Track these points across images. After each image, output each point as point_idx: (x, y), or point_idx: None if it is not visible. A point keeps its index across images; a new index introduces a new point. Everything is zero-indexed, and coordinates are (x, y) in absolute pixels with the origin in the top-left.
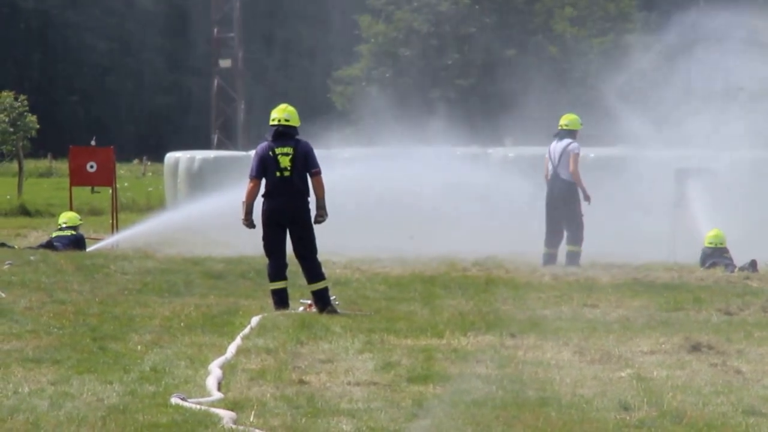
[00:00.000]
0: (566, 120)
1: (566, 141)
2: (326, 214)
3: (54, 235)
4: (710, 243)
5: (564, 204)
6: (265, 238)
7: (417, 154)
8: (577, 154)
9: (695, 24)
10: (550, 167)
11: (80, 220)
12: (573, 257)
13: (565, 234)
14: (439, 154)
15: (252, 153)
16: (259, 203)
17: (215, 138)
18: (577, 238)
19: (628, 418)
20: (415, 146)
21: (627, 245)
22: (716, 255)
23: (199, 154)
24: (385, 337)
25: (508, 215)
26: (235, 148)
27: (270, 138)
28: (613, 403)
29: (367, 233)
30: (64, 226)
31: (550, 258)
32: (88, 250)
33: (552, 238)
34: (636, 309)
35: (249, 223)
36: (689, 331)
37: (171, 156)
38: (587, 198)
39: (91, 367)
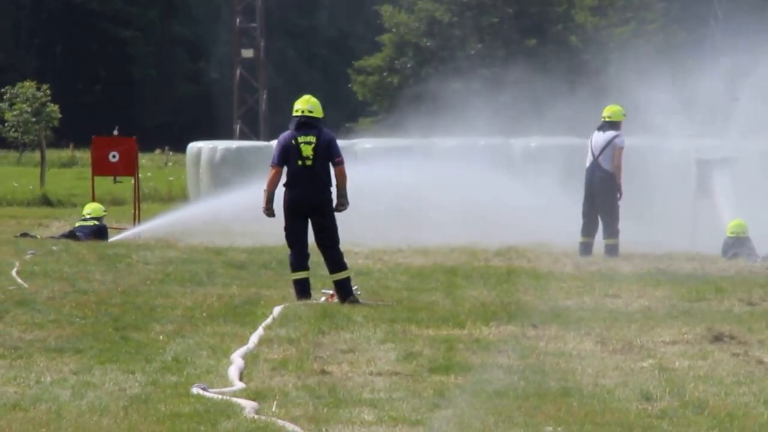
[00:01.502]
0: (609, 111)
1: (610, 133)
2: (347, 203)
3: (77, 225)
4: (732, 233)
5: (602, 195)
6: (287, 228)
7: (439, 145)
8: (622, 149)
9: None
10: (590, 157)
11: (104, 211)
12: (611, 249)
13: (601, 226)
14: (461, 144)
15: (274, 143)
16: (281, 193)
17: (237, 128)
18: (613, 231)
19: (649, 408)
20: (437, 137)
21: (649, 235)
22: (738, 245)
23: (221, 144)
24: (406, 328)
25: (529, 206)
26: (257, 138)
27: (293, 128)
28: (634, 393)
29: (389, 224)
30: (88, 216)
31: (586, 247)
32: (110, 240)
33: (588, 228)
34: (658, 299)
35: (269, 211)
36: (711, 321)
37: (193, 146)
38: (620, 193)
39: (113, 357)
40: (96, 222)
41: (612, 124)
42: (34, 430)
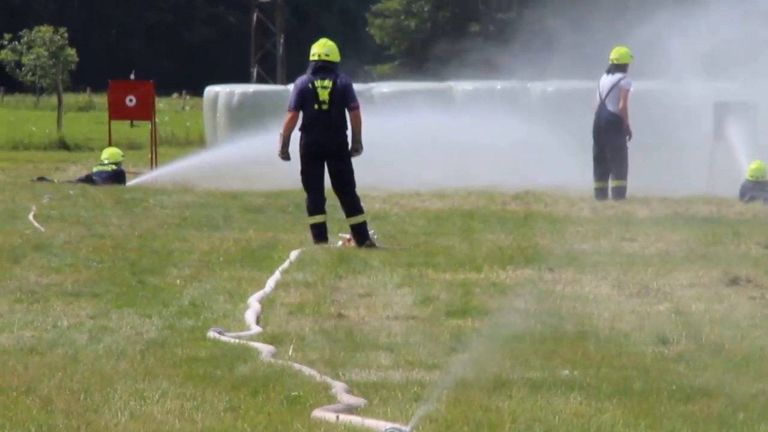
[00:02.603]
0: (616, 54)
1: (617, 75)
2: (361, 148)
3: (94, 169)
4: (752, 176)
5: (608, 137)
6: (303, 172)
7: (456, 89)
8: (628, 91)
9: None
10: (598, 100)
11: (122, 156)
12: (619, 191)
13: (610, 168)
14: (478, 88)
15: (291, 87)
16: (296, 137)
17: (254, 72)
18: (621, 172)
19: (666, 351)
20: (454, 81)
21: (666, 179)
22: (757, 188)
23: (239, 88)
24: (423, 272)
25: (547, 149)
26: (274, 83)
27: (309, 72)
28: (651, 336)
29: (407, 168)
30: (105, 161)
31: (600, 192)
32: (127, 184)
33: (600, 172)
34: (675, 243)
35: (285, 155)
36: (728, 264)
37: (210, 90)
38: (629, 134)
39: (130, 301)
40: (114, 167)
41: (619, 67)
42: (50, 374)
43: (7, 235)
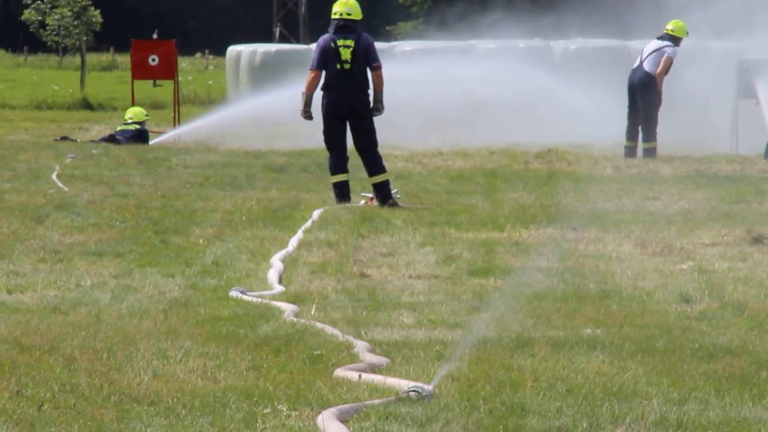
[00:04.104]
0: (672, 25)
1: (665, 42)
2: (383, 108)
3: (118, 129)
4: None
5: (641, 95)
6: (325, 131)
7: (479, 47)
8: (671, 59)
9: None
10: (638, 61)
11: (146, 115)
12: (648, 153)
13: (641, 129)
14: (501, 47)
15: (314, 46)
16: (319, 96)
17: (277, 31)
18: (649, 134)
19: (689, 310)
20: (477, 39)
21: (690, 137)
22: None
23: (261, 48)
24: (446, 231)
25: (569, 108)
26: (297, 42)
27: (332, 31)
28: (674, 295)
29: (429, 127)
30: (129, 120)
31: (629, 151)
32: (150, 143)
33: (631, 131)
34: (698, 201)
35: (307, 114)
36: (751, 223)
37: (233, 49)
38: (659, 100)
39: (152, 261)
40: (137, 126)
41: (672, 38)
42: (74, 334)
43: (31, 194)
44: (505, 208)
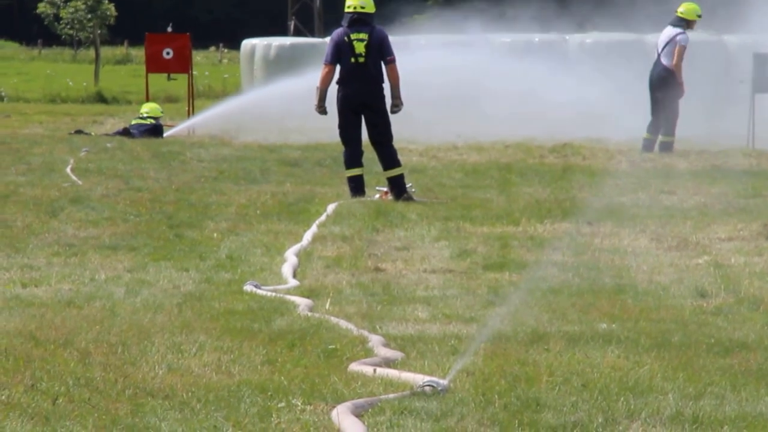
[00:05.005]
0: (683, 7)
1: (677, 30)
2: (401, 104)
3: (132, 122)
4: None
5: (660, 91)
6: (340, 125)
7: (494, 41)
8: (684, 47)
9: None
10: (656, 53)
11: (162, 112)
12: (665, 146)
13: (661, 123)
14: (516, 40)
15: (328, 39)
16: (333, 91)
17: (291, 25)
18: (668, 128)
19: (704, 304)
20: (492, 33)
21: (705, 131)
22: None
23: (276, 41)
24: (461, 225)
25: (582, 102)
26: (312, 35)
27: (345, 24)
28: (689, 290)
29: (444, 121)
30: (145, 115)
31: (647, 143)
32: (164, 135)
33: (655, 124)
34: (714, 196)
35: (321, 109)
36: (767, 217)
37: (247, 43)
38: (681, 92)
39: (167, 255)
40: (152, 121)
41: (682, 21)
42: (88, 328)
43: (45, 188)
44: (520, 202)
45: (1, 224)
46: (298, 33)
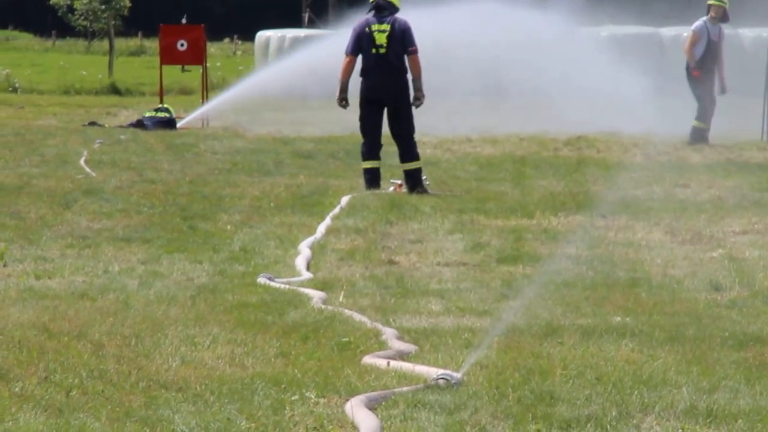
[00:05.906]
0: None
1: (701, 18)
2: (423, 96)
3: (146, 114)
4: None
5: (687, 78)
6: (361, 117)
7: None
8: (693, 33)
9: None
10: None
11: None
12: (694, 133)
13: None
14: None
15: (343, 31)
16: (355, 83)
17: (306, 17)
18: (699, 113)
19: (719, 298)
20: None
21: (720, 125)
22: None
23: (290, 33)
24: (475, 218)
25: (599, 95)
26: (326, 27)
27: (370, 13)
28: (704, 283)
29: (460, 113)
30: (161, 107)
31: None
32: (178, 125)
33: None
34: (728, 189)
35: (343, 100)
36: None
37: (262, 35)
38: (694, 73)
39: (180, 247)
40: (166, 115)
41: (710, 7)
42: (101, 320)
43: (59, 180)
44: (534, 195)
45: (15, 216)
46: (312, 24)
